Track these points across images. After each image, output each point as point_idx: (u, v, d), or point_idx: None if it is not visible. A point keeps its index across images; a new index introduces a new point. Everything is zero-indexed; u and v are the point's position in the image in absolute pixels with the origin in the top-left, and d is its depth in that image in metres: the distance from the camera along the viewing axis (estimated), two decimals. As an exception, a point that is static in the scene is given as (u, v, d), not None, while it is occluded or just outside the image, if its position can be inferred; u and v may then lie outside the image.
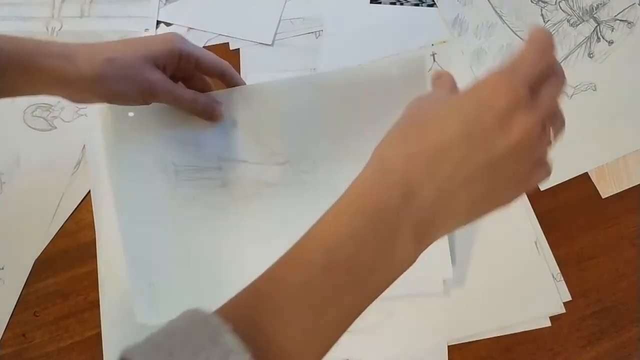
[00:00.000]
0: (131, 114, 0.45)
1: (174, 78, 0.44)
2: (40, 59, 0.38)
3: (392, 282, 0.26)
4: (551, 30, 0.57)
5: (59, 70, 0.38)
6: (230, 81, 0.47)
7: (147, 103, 0.43)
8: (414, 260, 0.26)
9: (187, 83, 0.46)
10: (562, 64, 0.55)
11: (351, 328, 0.44)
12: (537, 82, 0.27)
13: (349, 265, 0.25)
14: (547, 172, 0.29)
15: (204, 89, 0.47)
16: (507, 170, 0.26)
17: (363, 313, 0.27)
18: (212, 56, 0.45)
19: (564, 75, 0.29)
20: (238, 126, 0.46)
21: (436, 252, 0.39)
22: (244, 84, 0.47)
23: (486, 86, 0.26)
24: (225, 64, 0.46)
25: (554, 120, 0.30)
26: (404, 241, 0.25)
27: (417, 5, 0.60)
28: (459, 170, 0.25)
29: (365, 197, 0.26)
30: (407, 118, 0.28)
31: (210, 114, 0.46)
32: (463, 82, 0.55)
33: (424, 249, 0.27)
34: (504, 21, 0.58)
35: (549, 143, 0.29)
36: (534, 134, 0.26)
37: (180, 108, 0.45)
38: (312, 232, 0.26)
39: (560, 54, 0.56)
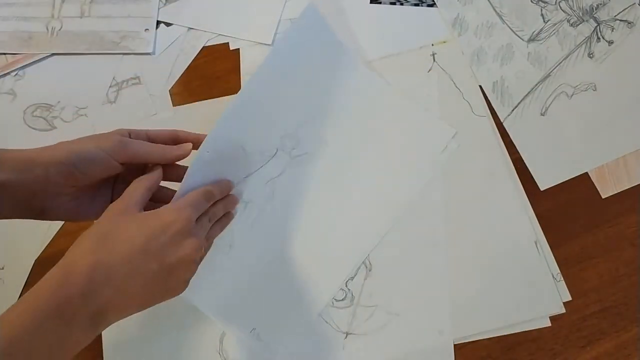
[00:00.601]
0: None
1: None
2: None
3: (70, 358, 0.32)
4: (551, 30, 0.57)
5: (20, 153, 0.37)
6: (187, 140, 0.43)
7: (118, 163, 0.38)
8: (90, 341, 0.33)
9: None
10: (562, 64, 0.55)
11: (358, 330, 0.46)
12: (206, 212, 0.40)
13: (29, 351, 0.30)
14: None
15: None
16: (173, 274, 0.36)
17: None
18: (158, 129, 0.43)
19: (229, 217, 0.44)
20: (225, 155, 0.45)
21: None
22: (199, 137, 0.43)
23: (168, 212, 0.36)
24: (172, 130, 0.43)
25: (208, 243, 0.42)
26: (79, 328, 0.32)
27: (417, 5, 0.60)
28: (136, 276, 0.34)
29: (49, 294, 0.31)
30: (100, 228, 0.35)
31: (179, 151, 0.42)
32: (463, 82, 0.55)
33: (101, 331, 0.34)
34: (504, 21, 0.58)
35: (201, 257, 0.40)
36: (194, 255, 0.36)
37: (148, 159, 0.40)
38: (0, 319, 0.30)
39: (560, 54, 0.56)
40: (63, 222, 0.51)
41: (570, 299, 0.47)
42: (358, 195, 0.51)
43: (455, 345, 0.46)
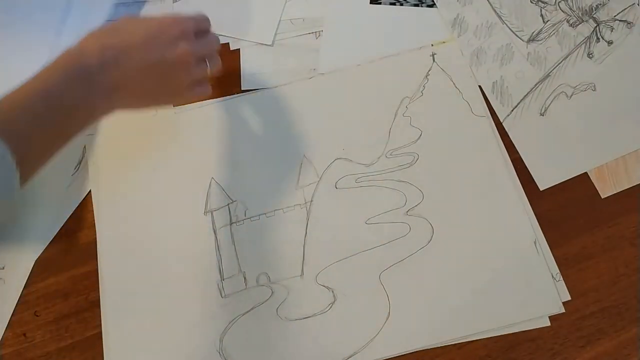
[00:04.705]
0: None
1: None
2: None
3: (89, 118, 0.41)
4: (550, 30, 0.57)
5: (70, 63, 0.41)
6: None
7: None
8: (107, 113, 0.41)
9: None
10: (562, 64, 0.55)
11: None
12: (199, 33, 0.45)
13: (61, 100, 0.38)
14: (205, 92, 0.46)
15: None
16: (171, 74, 0.42)
17: None
18: None
19: (217, 39, 0.48)
20: None
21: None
22: None
23: (167, 19, 0.42)
24: None
25: (210, 58, 0.46)
26: (99, 95, 0.39)
27: (416, 5, 0.60)
28: (139, 65, 0.40)
29: (70, 62, 0.39)
30: (107, 26, 0.41)
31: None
32: (462, 82, 0.55)
33: (115, 107, 0.42)
34: (503, 21, 0.58)
35: (205, 71, 0.45)
36: (190, 57, 0.43)
37: None
38: (34, 77, 0.38)
39: (559, 54, 0.56)
40: (63, 222, 0.51)
41: (569, 298, 0.47)
42: None
43: (454, 345, 0.46)
